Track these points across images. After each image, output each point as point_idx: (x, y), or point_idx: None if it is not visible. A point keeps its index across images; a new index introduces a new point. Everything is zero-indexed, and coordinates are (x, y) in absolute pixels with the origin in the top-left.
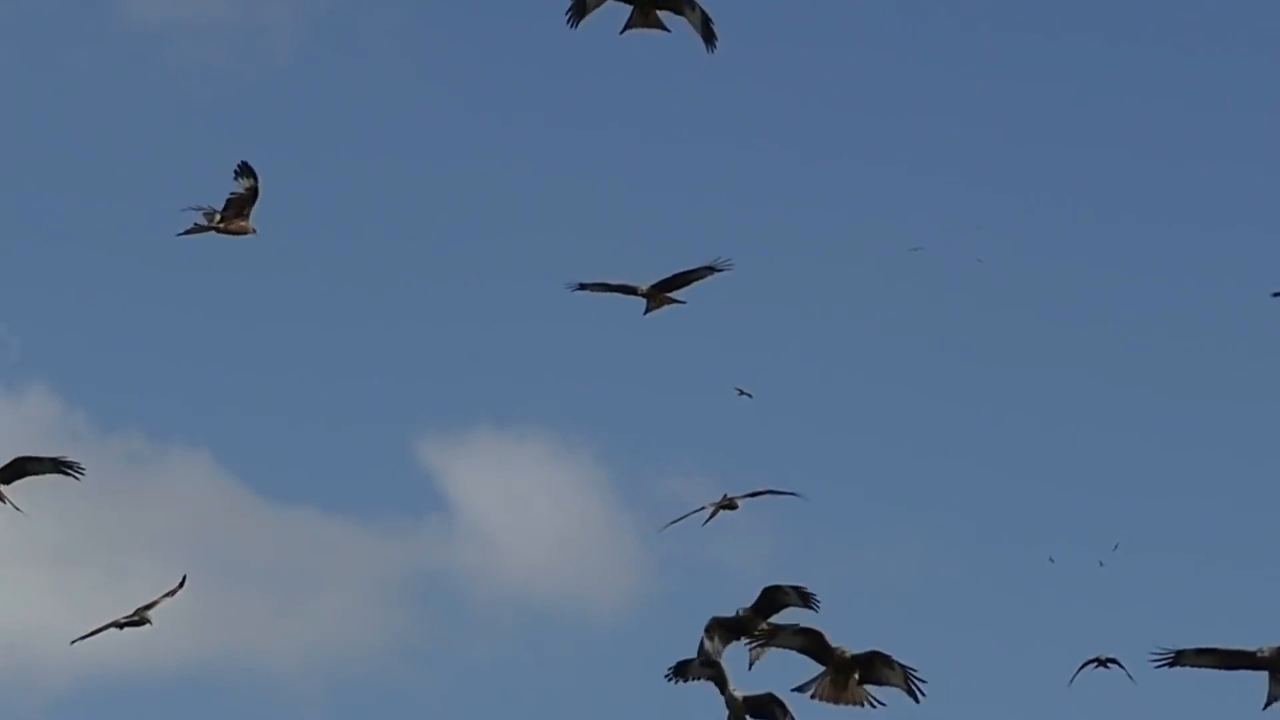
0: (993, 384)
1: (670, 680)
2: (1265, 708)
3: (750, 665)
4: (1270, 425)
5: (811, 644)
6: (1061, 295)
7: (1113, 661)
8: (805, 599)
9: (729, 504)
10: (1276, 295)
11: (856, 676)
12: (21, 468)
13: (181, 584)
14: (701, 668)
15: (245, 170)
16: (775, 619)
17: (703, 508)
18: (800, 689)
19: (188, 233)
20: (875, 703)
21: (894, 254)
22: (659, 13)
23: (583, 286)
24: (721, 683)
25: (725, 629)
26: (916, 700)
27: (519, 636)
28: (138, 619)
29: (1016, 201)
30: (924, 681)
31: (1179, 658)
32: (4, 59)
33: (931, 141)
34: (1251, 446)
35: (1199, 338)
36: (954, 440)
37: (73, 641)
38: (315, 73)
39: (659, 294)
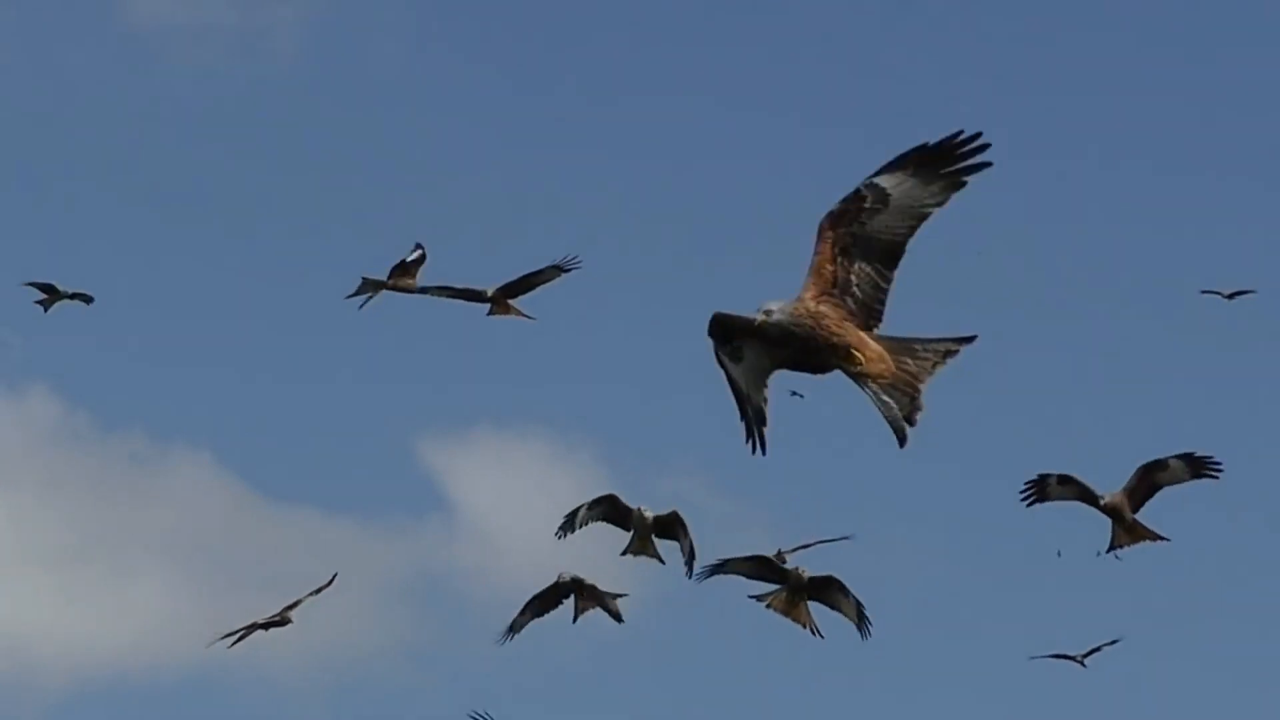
0: (992, 382)
1: (560, 536)
2: (1101, 554)
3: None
4: (1270, 422)
5: (760, 569)
6: (1061, 293)
7: (1094, 653)
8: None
9: (779, 560)
10: (1205, 293)
11: (807, 599)
12: None
13: (331, 581)
14: (590, 510)
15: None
16: None
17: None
18: (757, 597)
19: (358, 293)
20: (817, 632)
21: None
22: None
23: (423, 290)
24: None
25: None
26: (864, 637)
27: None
28: (280, 619)
29: (1017, 200)
30: (870, 622)
31: (1043, 488)
32: (4, 59)
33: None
34: (1250, 444)
35: (1199, 335)
36: (953, 440)
37: (210, 644)
38: (315, 74)
39: (504, 298)
